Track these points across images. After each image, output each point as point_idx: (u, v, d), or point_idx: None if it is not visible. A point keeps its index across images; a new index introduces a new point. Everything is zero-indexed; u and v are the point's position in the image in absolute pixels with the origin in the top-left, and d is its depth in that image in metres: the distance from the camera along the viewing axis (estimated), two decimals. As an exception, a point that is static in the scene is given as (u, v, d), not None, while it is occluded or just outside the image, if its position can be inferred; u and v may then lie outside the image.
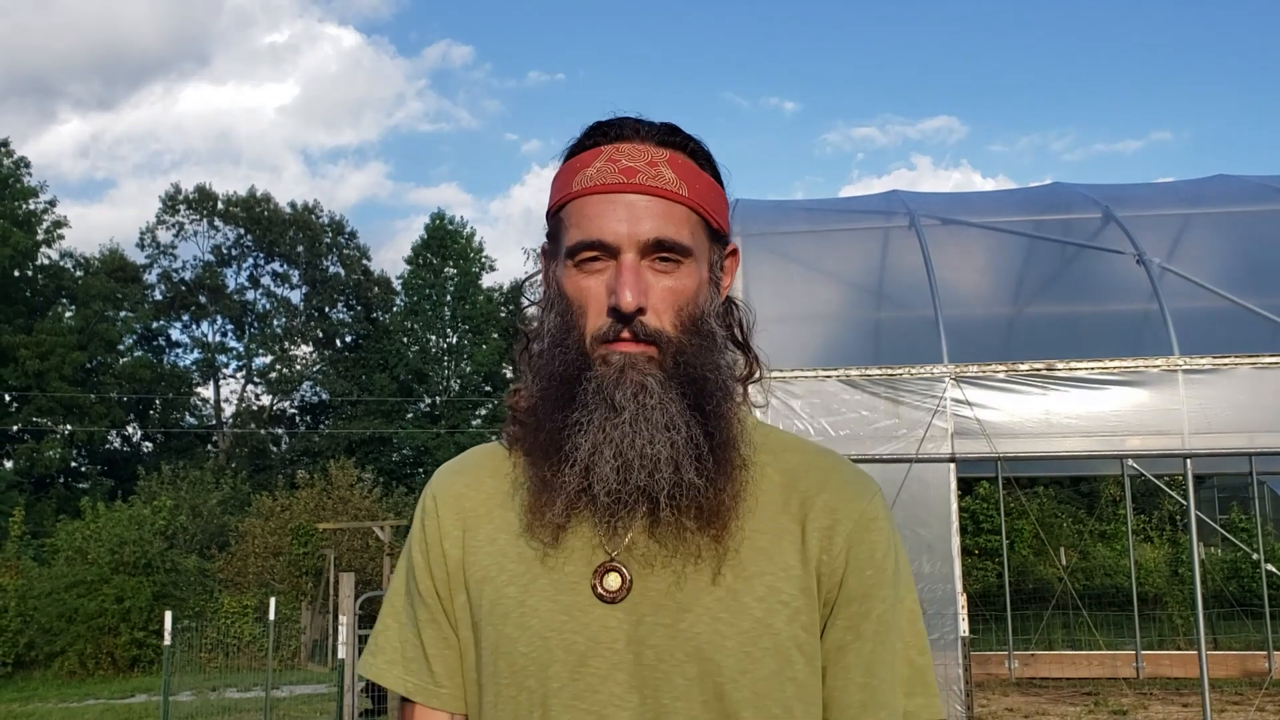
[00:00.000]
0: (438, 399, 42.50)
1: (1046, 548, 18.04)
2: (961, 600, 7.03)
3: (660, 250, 1.18)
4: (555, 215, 1.26)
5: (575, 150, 1.25)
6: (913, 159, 71.50)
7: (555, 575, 1.20)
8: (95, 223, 61.87)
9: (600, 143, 1.23)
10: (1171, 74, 67.97)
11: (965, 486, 20.24)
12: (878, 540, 1.22)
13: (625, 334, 1.17)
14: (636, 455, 1.14)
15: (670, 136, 1.24)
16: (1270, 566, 12.46)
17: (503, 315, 44.66)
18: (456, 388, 42.55)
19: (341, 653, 7.83)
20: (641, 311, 1.16)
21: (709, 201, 1.23)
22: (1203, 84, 67.78)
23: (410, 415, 42.12)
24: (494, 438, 1.41)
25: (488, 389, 42.84)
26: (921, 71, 69.44)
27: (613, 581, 1.18)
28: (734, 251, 1.32)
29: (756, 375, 1.34)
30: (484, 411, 42.85)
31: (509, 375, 44.13)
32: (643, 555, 1.19)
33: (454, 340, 43.41)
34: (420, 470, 40.79)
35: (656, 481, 1.14)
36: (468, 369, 42.67)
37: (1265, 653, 12.85)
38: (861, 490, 1.24)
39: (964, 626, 6.93)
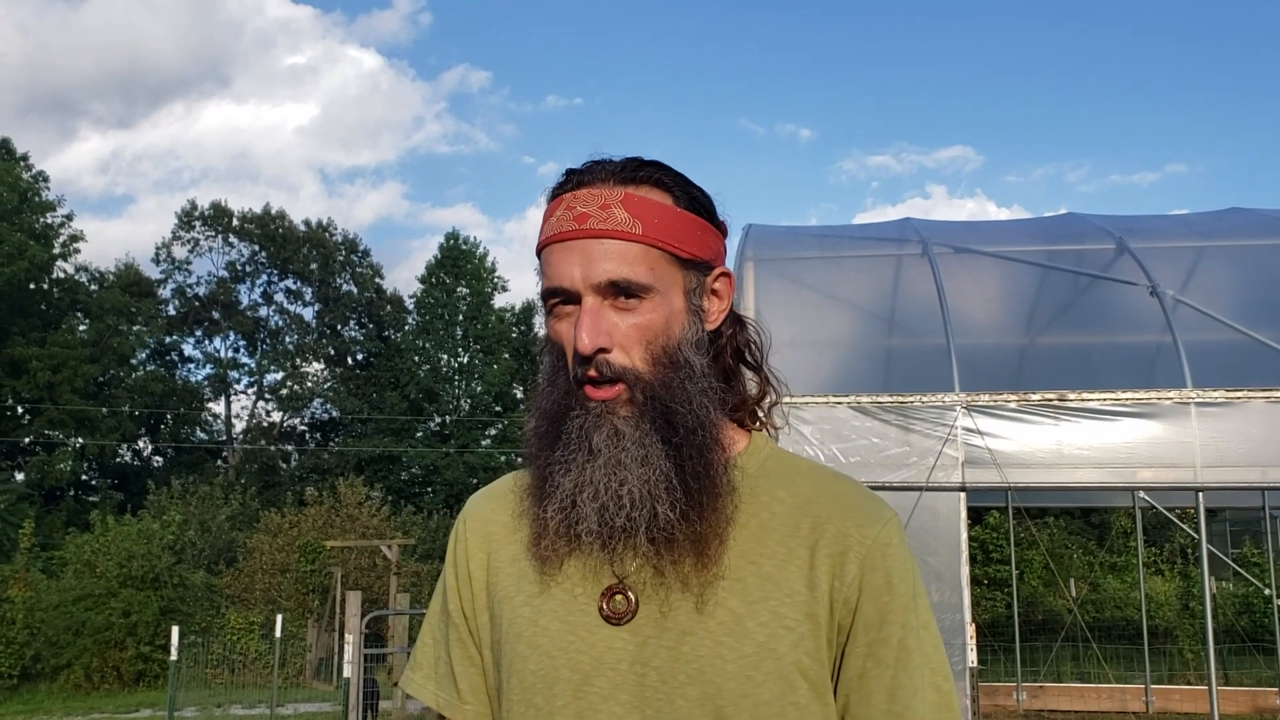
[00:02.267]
0: (448, 418, 42.52)
1: (1056, 579, 17.93)
2: (970, 630, 6.99)
3: (618, 290, 1.20)
4: (540, 260, 1.29)
5: (550, 196, 1.29)
6: (927, 188, 71.57)
7: (565, 596, 1.24)
8: (113, 238, 62.33)
9: (564, 188, 1.27)
10: (1187, 107, 68.04)
11: (975, 516, 20.15)
12: (893, 566, 1.22)
13: (593, 373, 1.21)
14: (612, 497, 1.18)
15: (634, 173, 1.26)
16: (1283, 602, 12.36)
17: (514, 336, 44.72)
18: (467, 407, 42.58)
19: (347, 671, 7.81)
20: (604, 351, 1.20)
21: (671, 233, 1.23)
22: (1219, 117, 67.83)
23: (420, 434, 42.14)
24: (503, 458, 1.44)
25: (498, 409, 42.85)
26: (937, 101, 69.64)
27: (619, 604, 1.22)
28: (725, 274, 1.33)
29: (771, 397, 1.36)
30: (494, 431, 42.85)
31: (519, 395, 44.18)
32: (647, 580, 1.21)
33: (465, 360, 43.48)
34: (429, 489, 40.77)
35: (633, 520, 1.18)
36: (478, 388, 42.71)
37: (1277, 689, 12.72)
38: (875, 516, 1.24)
39: (972, 657, 6.89)
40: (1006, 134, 70.86)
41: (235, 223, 43.61)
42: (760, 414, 1.35)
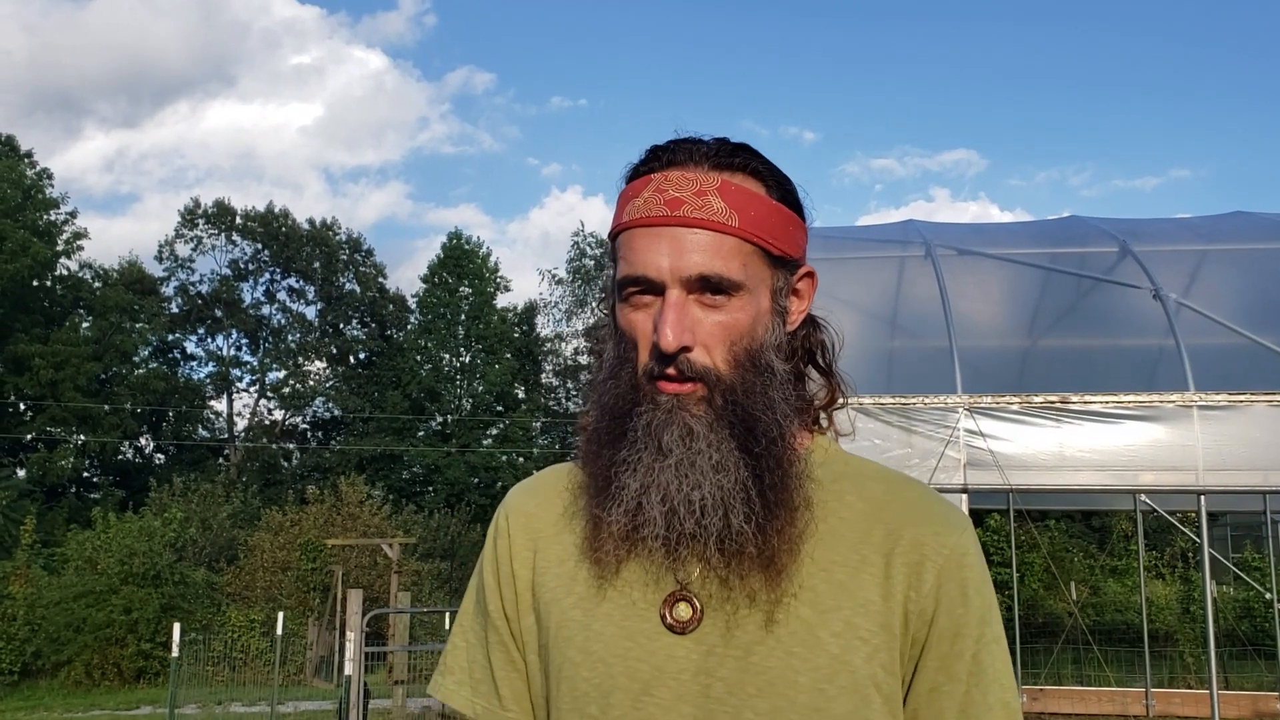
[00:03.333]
0: (449, 417, 42.54)
1: (1057, 582, 17.93)
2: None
3: (707, 285, 1.13)
4: (614, 242, 1.21)
5: (632, 175, 1.21)
6: (931, 191, 71.55)
7: (623, 601, 1.17)
8: (118, 236, 62.42)
9: (653, 168, 1.18)
10: (1191, 111, 68.00)
11: (976, 518, 20.12)
12: (970, 577, 1.17)
13: (671, 371, 1.13)
14: (683, 500, 1.11)
15: (729, 158, 1.18)
16: (1284, 607, 12.35)
17: (516, 336, 44.74)
18: (468, 407, 42.60)
19: (348, 669, 7.81)
20: (687, 349, 1.12)
21: (767, 228, 1.16)
22: (1222, 122, 67.79)
23: (421, 433, 42.17)
24: (504, 458, 1.38)
25: (499, 409, 42.88)
26: (941, 104, 69.61)
27: (683, 611, 1.15)
28: (809, 274, 1.28)
29: (839, 401, 1.29)
30: (495, 431, 42.86)
31: (521, 395, 44.20)
32: (714, 589, 1.15)
33: (467, 359, 43.49)
34: (430, 489, 40.79)
35: (704, 527, 1.11)
36: (480, 388, 42.72)
37: (1278, 694, 12.71)
38: (952, 524, 1.19)
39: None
40: (1010, 138, 70.89)
41: (238, 221, 43.65)
42: (827, 417, 1.28)
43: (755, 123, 69.62)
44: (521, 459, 41.88)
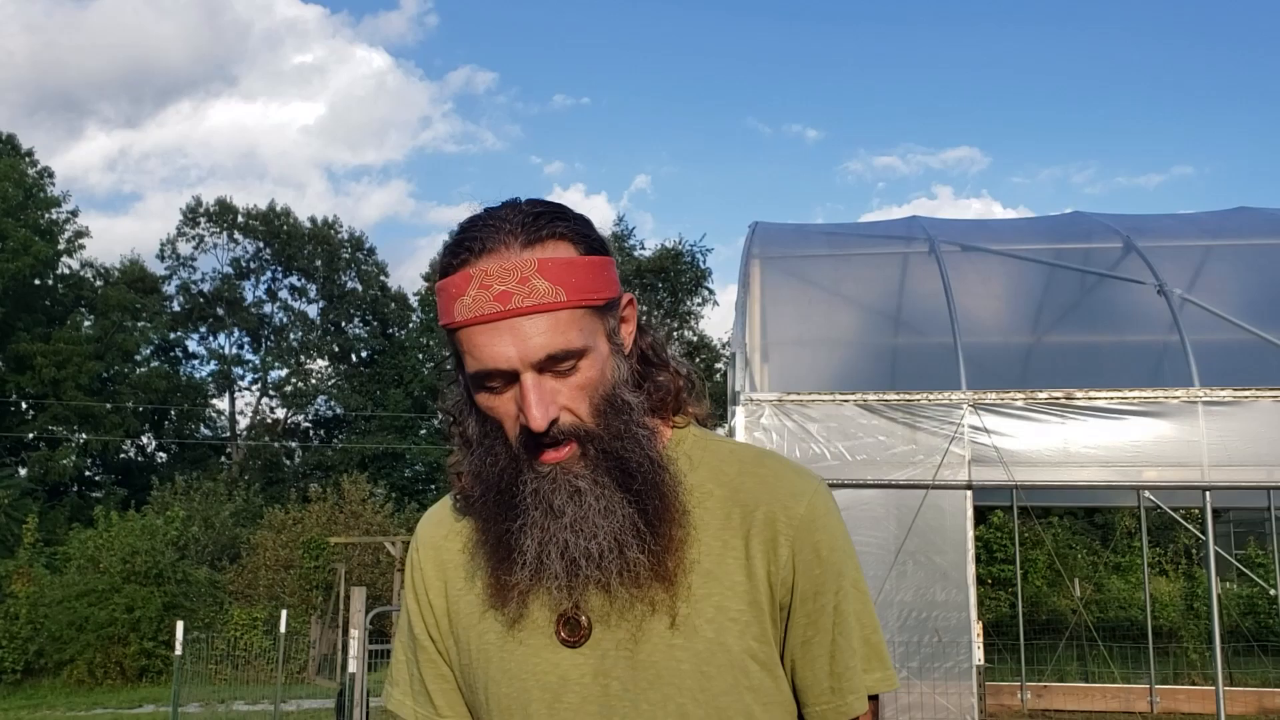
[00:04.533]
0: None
1: (1061, 578, 17.91)
2: (976, 629, 6.98)
3: (554, 360, 1.19)
4: (450, 335, 1.25)
5: (446, 268, 1.24)
6: (934, 189, 71.43)
7: (528, 623, 1.28)
8: (121, 235, 62.34)
9: (467, 260, 1.21)
10: (1194, 108, 67.90)
11: (979, 515, 20.07)
12: (821, 539, 1.27)
13: (545, 440, 1.21)
14: (581, 554, 1.21)
15: (537, 232, 1.22)
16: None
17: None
18: (470, 405, 42.62)
19: (352, 666, 7.81)
20: (555, 420, 1.20)
21: (589, 287, 1.23)
22: (1226, 119, 67.68)
23: (424, 431, 42.17)
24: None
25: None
26: (944, 102, 69.50)
27: (574, 628, 1.26)
28: (629, 301, 1.35)
29: (685, 388, 1.38)
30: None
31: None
32: (605, 603, 1.25)
33: (469, 357, 43.50)
34: (433, 487, 40.79)
35: (604, 569, 1.22)
36: (482, 387, 42.75)
37: (1282, 690, 12.69)
38: (799, 493, 1.29)
39: (979, 655, 6.87)
40: (1013, 135, 70.77)
41: (240, 219, 43.65)
42: (680, 406, 1.37)
43: (758, 120, 69.62)
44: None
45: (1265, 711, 12.16)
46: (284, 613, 12.47)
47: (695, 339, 46.08)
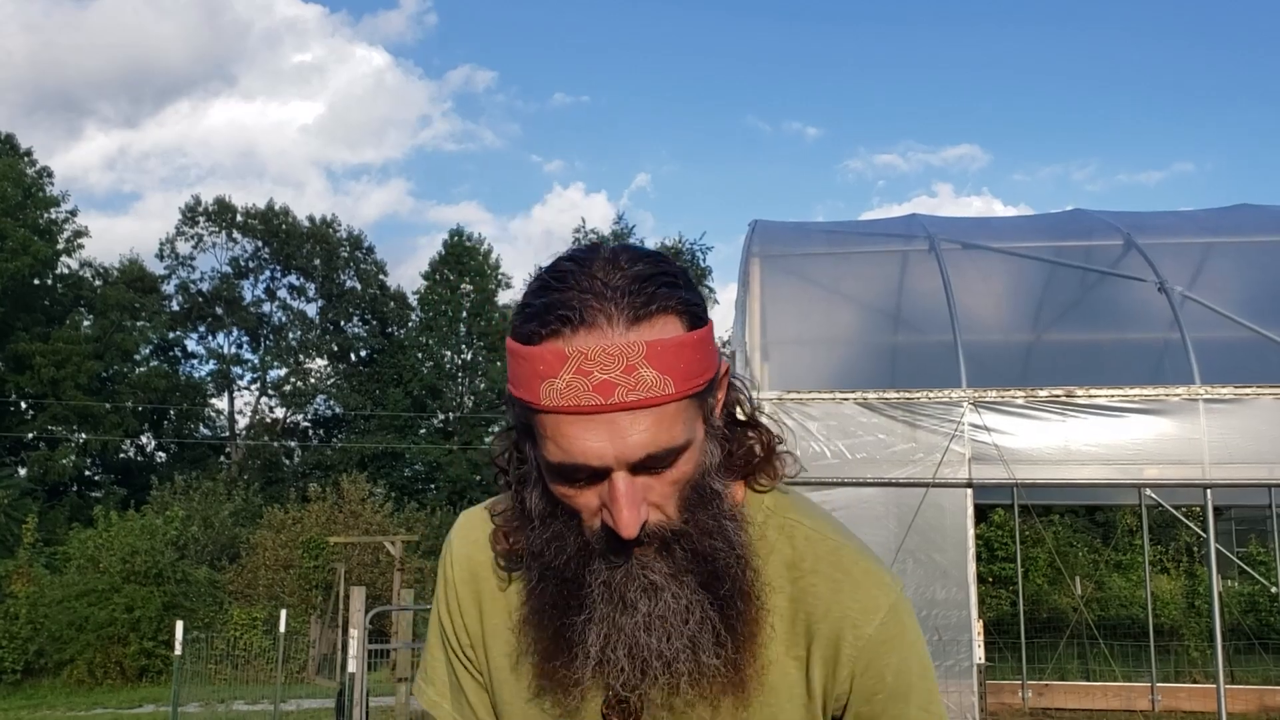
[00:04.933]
0: (451, 415, 42.53)
1: (1062, 576, 17.89)
2: (977, 627, 6.96)
3: (653, 459, 1.05)
4: (529, 413, 1.09)
5: (530, 335, 1.06)
6: (934, 186, 71.40)
7: (564, 696, 1.18)
8: (120, 235, 62.32)
9: (560, 332, 1.03)
10: (1195, 105, 67.86)
11: (980, 514, 20.07)
12: (888, 662, 1.17)
13: (629, 542, 1.08)
14: (654, 654, 1.10)
15: (645, 305, 1.04)
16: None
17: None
18: (470, 404, 42.59)
19: (352, 666, 7.79)
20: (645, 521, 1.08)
21: (697, 369, 1.07)
22: (1227, 116, 67.65)
23: (423, 431, 42.16)
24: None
25: (502, 407, 42.80)
26: (944, 99, 69.49)
27: (625, 711, 1.17)
28: (726, 370, 1.18)
29: (774, 452, 1.23)
30: (497, 429, 42.82)
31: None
32: (659, 696, 1.15)
33: (468, 357, 43.49)
34: (433, 486, 40.78)
35: (674, 672, 1.10)
36: (482, 385, 42.72)
37: (1283, 688, 12.68)
38: (871, 608, 1.17)
39: (979, 654, 6.85)
40: (1013, 132, 70.74)
41: (239, 218, 43.63)
42: (762, 469, 1.24)
43: (758, 118, 69.61)
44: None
45: (1266, 709, 12.14)
46: (284, 612, 12.45)
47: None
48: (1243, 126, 67.83)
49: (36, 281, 36.94)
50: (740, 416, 1.23)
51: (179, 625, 9.22)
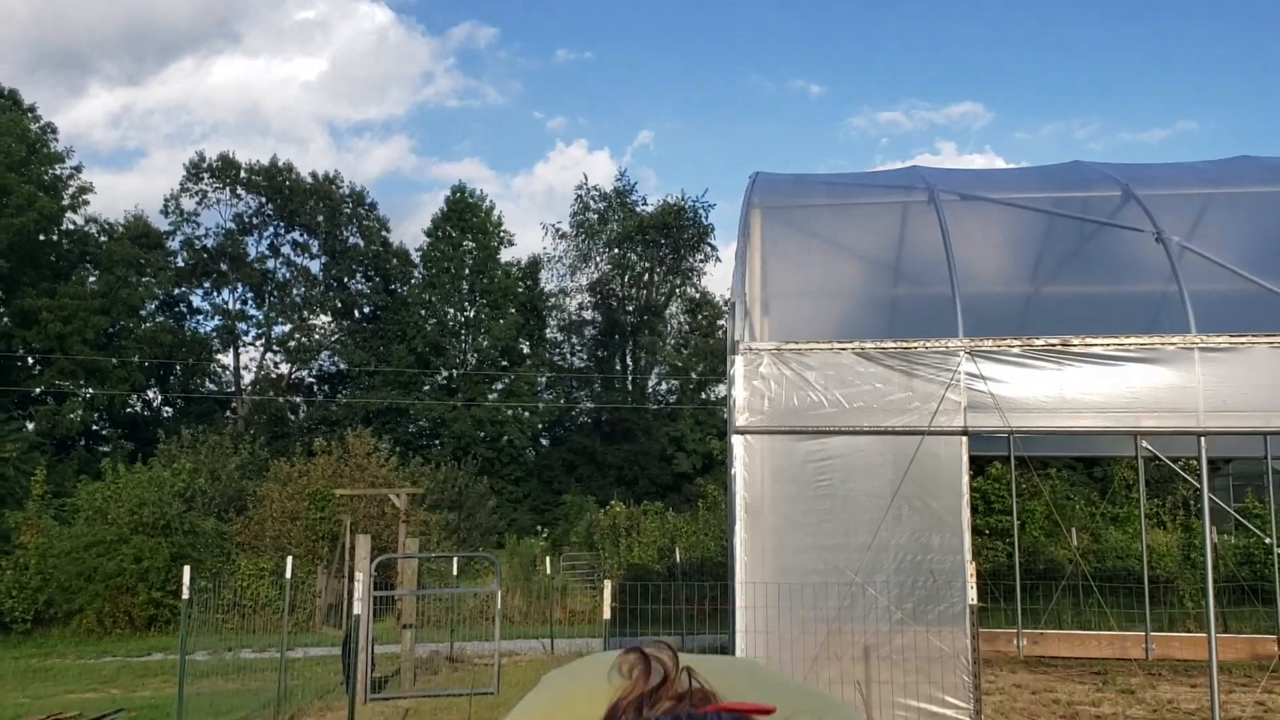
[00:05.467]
0: (454, 372, 42.64)
1: (1059, 528, 18.03)
2: (970, 569, 7.06)
3: None
4: None
5: None
6: (937, 144, 70.95)
7: None
8: (125, 191, 62.19)
9: None
10: (1198, 62, 67.22)
11: (978, 467, 20.21)
12: None
13: None
14: None
15: None
16: (1283, 552, 12.43)
17: (520, 291, 44.66)
18: (473, 361, 42.68)
19: (357, 608, 7.93)
20: None
21: None
22: (1230, 73, 67.02)
23: (427, 387, 42.29)
24: (509, 412, 0.99)
25: (504, 363, 42.94)
26: (948, 57, 68.87)
27: None
28: None
29: None
30: (500, 386, 42.97)
31: (525, 350, 44.25)
32: None
33: (471, 314, 43.50)
34: (437, 442, 40.97)
35: None
36: (485, 343, 42.78)
37: (1275, 637, 12.84)
38: None
39: (972, 595, 6.97)
40: (1016, 90, 70.20)
41: (243, 175, 43.51)
42: None
43: (762, 76, 69.08)
44: (527, 413, 41.98)
45: (1258, 657, 12.31)
46: (289, 559, 12.60)
47: (697, 296, 46.05)
48: (1245, 84, 67.25)
49: (42, 237, 36.92)
50: None
51: (186, 570, 9.36)
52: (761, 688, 1.15)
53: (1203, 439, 7.81)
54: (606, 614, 7.48)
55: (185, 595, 9.38)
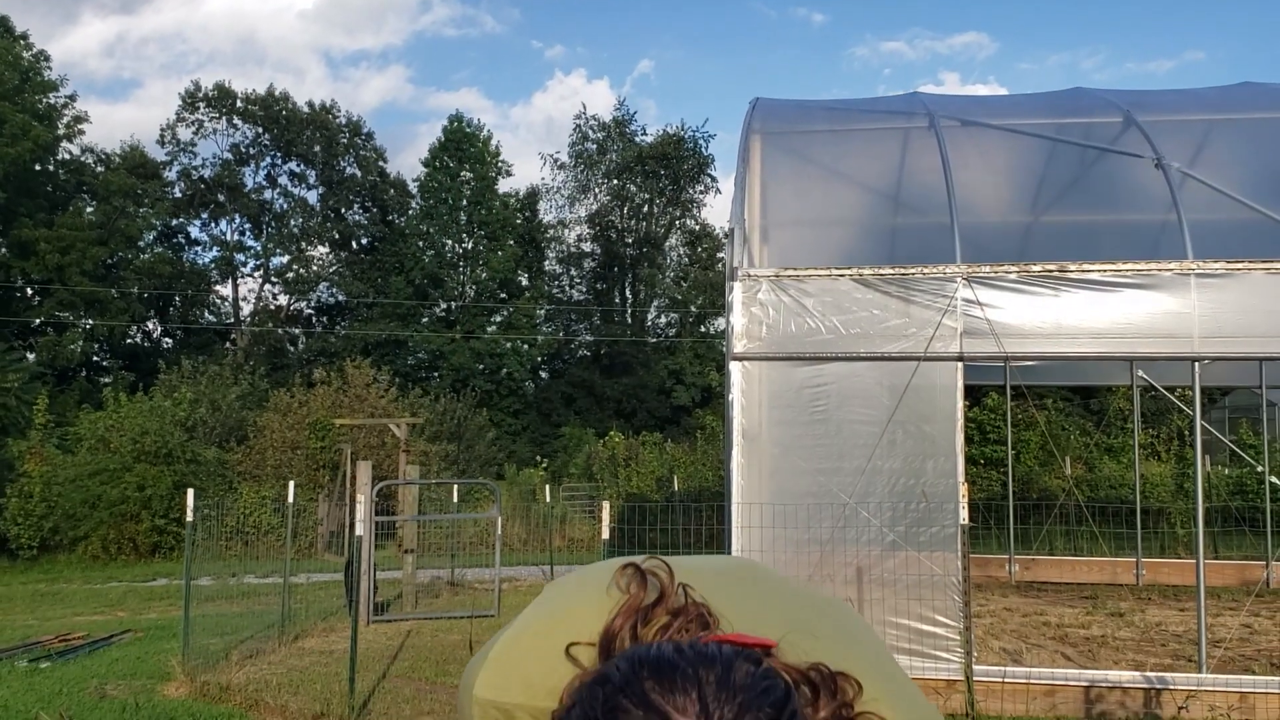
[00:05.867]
0: (453, 304, 42.61)
1: (1053, 458, 18.19)
2: (963, 490, 7.15)
3: None
4: None
5: None
6: (940, 75, 70.25)
7: None
8: (120, 122, 61.60)
9: None
10: (1209, -11, 66.21)
11: (974, 397, 20.33)
12: None
13: None
14: None
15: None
16: (1275, 479, 12.56)
17: (518, 222, 44.45)
18: (472, 293, 42.63)
19: (359, 530, 8.04)
20: None
21: None
22: (1237, 2, 66.04)
23: (425, 319, 42.31)
24: (508, 345, 1.00)
25: (503, 295, 42.90)
26: (952, -18, 67.84)
27: None
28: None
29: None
30: (499, 318, 42.97)
31: (524, 283, 44.15)
32: None
33: (469, 245, 43.35)
34: (436, 374, 41.09)
35: None
36: (483, 275, 42.69)
37: (1264, 562, 13.02)
38: None
39: (964, 515, 7.07)
40: (1021, 19, 69.31)
41: (239, 105, 43.10)
42: None
43: (763, 4, 68.10)
44: (526, 345, 42.05)
45: (1246, 583, 12.49)
46: (291, 484, 12.73)
47: (697, 227, 45.85)
48: (1255, 13, 66.33)
49: (38, 167, 36.66)
50: None
51: (190, 493, 9.47)
52: (760, 596, 1.21)
53: (1196, 364, 7.85)
54: (605, 534, 7.59)
55: (189, 518, 9.50)
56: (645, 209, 45.60)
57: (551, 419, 40.99)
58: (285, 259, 43.86)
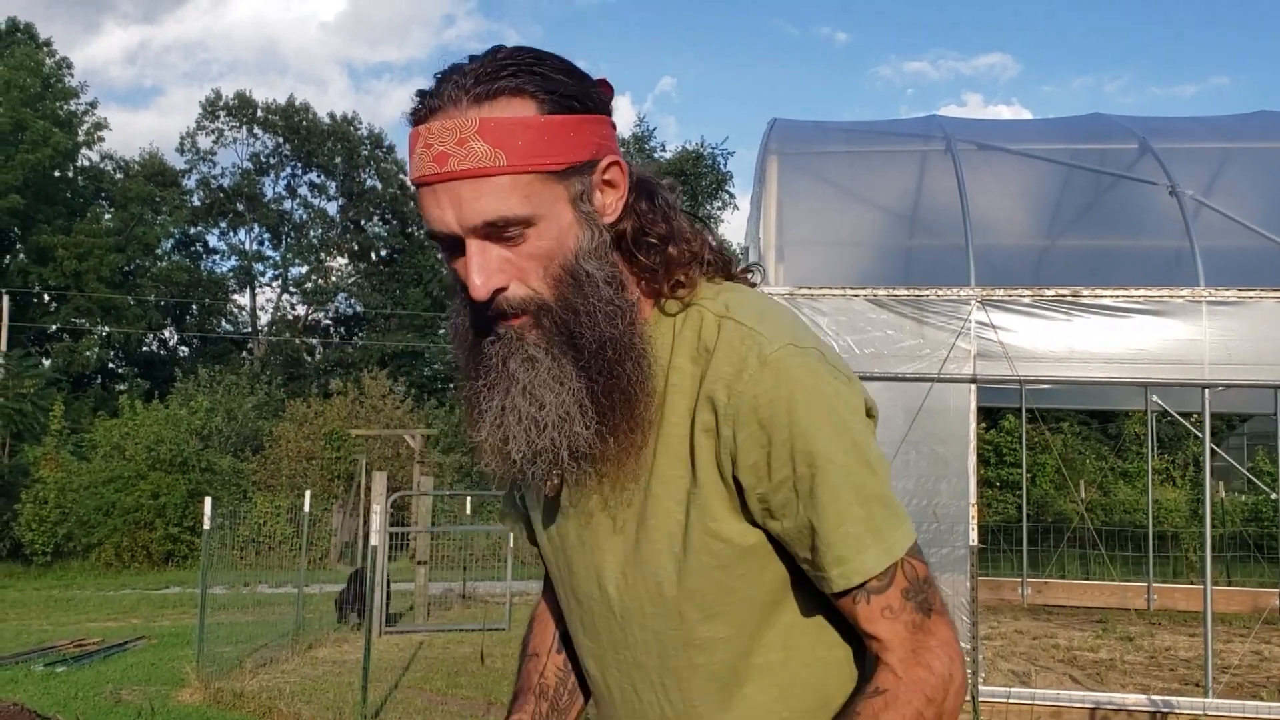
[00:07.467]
0: (470, 316, 42.69)
1: (1068, 482, 18.15)
2: (972, 511, 7.19)
3: (496, 228, 1.13)
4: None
5: (410, 117, 1.19)
6: (963, 96, 70.41)
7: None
8: (141, 129, 62.31)
9: (419, 116, 1.16)
10: (1231, 17, 66.15)
11: (990, 420, 20.32)
12: (766, 415, 1.15)
13: (491, 311, 1.18)
14: (533, 421, 1.17)
15: (490, 84, 1.13)
16: (1288, 506, 12.53)
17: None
18: (489, 306, 42.74)
19: (374, 540, 8.11)
20: (502, 289, 1.16)
21: (541, 150, 1.13)
22: (1264, 27, 65.95)
23: (442, 331, 42.44)
24: None
25: (520, 309, 43.00)
26: (977, 6, 67.96)
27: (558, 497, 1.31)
28: (615, 163, 1.22)
29: (695, 260, 1.29)
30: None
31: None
32: (579, 493, 1.26)
33: (487, 258, 43.48)
34: (452, 385, 41.20)
35: (556, 441, 1.17)
36: (500, 288, 42.80)
37: (1277, 589, 12.98)
38: (741, 361, 1.17)
39: (973, 536, 7.10)
40: (1046, 42, 69.40)
41: (259, 114, 43.42)
42: (681, 278, 1.26)
43: (786, 21, 68.41)
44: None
45: (1258, 610, 12.45)
46: (307, 493, 12.82)
47: (715, 244, 45.86)
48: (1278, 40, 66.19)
49: (57, 174, 37.00)
50: (662, 228, 1.28)
51: (208, 501, 9.56)
52: None
53: (1206, 391, 7.88)
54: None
55: (206, 525, 9.58)
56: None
57: (564, 433, 41.03)
58: (304, 269, 44.14)
